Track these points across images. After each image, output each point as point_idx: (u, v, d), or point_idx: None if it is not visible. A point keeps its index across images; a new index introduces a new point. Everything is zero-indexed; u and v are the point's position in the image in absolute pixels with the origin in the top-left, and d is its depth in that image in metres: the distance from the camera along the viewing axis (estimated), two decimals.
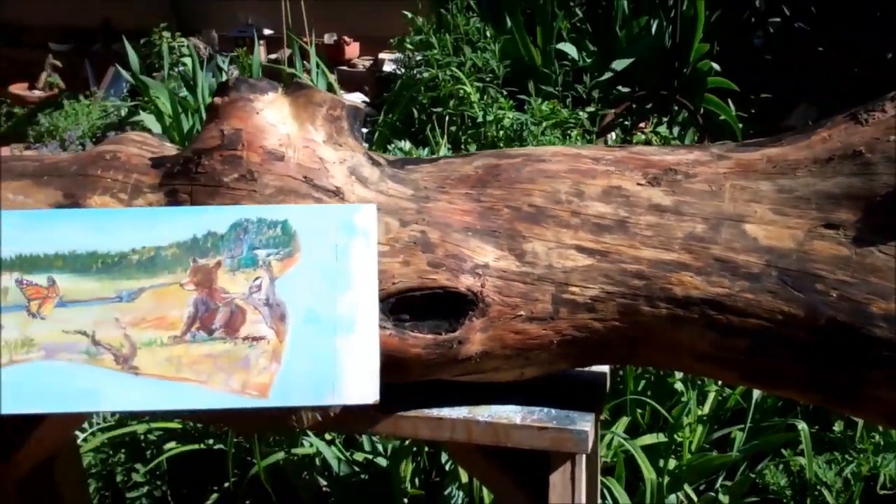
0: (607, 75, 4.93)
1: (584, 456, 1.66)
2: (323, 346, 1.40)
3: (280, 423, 1.61)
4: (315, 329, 1.40)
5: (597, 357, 1.67)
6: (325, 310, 1.41)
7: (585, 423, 1.64)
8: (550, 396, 1.69)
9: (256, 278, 1.41)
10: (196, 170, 1.60)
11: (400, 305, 1.56)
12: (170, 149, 1.78)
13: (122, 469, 2.92)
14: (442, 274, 1.57)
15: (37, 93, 7.75)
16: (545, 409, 1.67)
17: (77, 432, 2.59)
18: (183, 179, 1.62)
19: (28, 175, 1.75)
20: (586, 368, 1.81)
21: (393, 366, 1.59)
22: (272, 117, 1.64)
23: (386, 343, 1.57)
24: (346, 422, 1.68)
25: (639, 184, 1.61)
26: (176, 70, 5.75)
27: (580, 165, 1.65)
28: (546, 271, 1.57)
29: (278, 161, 1.61)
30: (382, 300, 1.57)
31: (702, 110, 4.58)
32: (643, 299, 1.54)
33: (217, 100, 1.64)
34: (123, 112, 6.20)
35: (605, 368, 1.85)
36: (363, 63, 7.17)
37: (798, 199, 1.53)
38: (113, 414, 2.97)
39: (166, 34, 6.28)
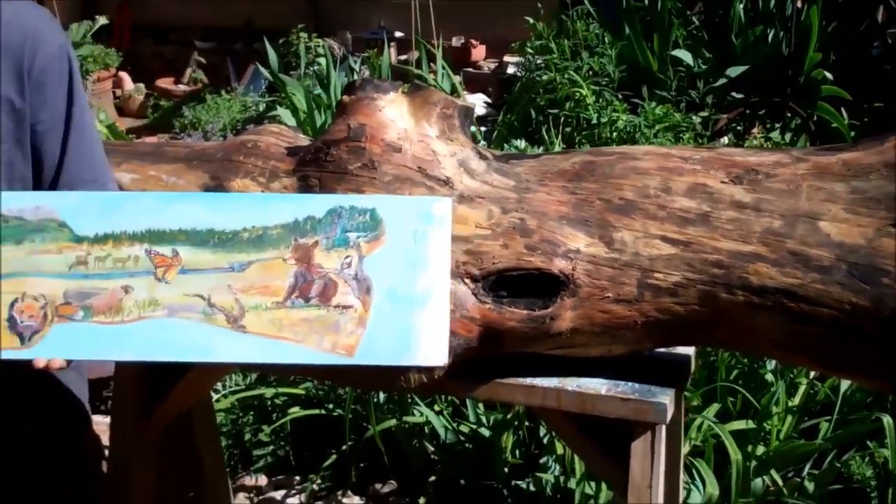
0: (721, 81, 4.98)
1: (663, 427, 1.78)
2: (401, 315, 1.56)
3: (391, 383, 1.79)
4: (395, 301, 1.56)
5: (678, 338, 1.79)
6: (404, 285, 1.57)
7: (665, 397, 1.76)
8: (636, 373, 1.81)
9: (347, 256, 1.58)
10: (325, 158, 1.79)
11: (499, 283, 1.72)
12: (303, 140, 1.97)
13: (250, 429, 3.14)
14: (537, 257, 1.71)
15: (182, 87, 8.08)
16: (629, 383, 1.79)
17: (211, 393, 2.80)
18: (314, 167, 1.80)
19: (181, 159, 1.96)
20: (671, 350, 1.92)
21: (491, 336, 1.75)
22: (392, 114, 1.81)
23: (486, 316, 1.73)
24: (448, 385, 1.85)
25: (722, 182, 1.72)
26: (311, 69, 5.99)
27: (669, 164, 1.77)
28: (633, 258, 1.69)
29: (396, 152, 1.78)
30: (483, 278, 1.72)
31: (814, 118, 4.60)
32: (722, 287, 1.65)
33: (345, 98, 1.82)
34: (261, 107, 6.45)
35: (690, 351, 1.96)
36: (488, 65, 7.31)
37: (869, 199, 1.62)
38: (243, 376, 3.20)
39: (304, 35, 6.53)
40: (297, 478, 3.09)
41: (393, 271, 1.57)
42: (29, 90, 1.70)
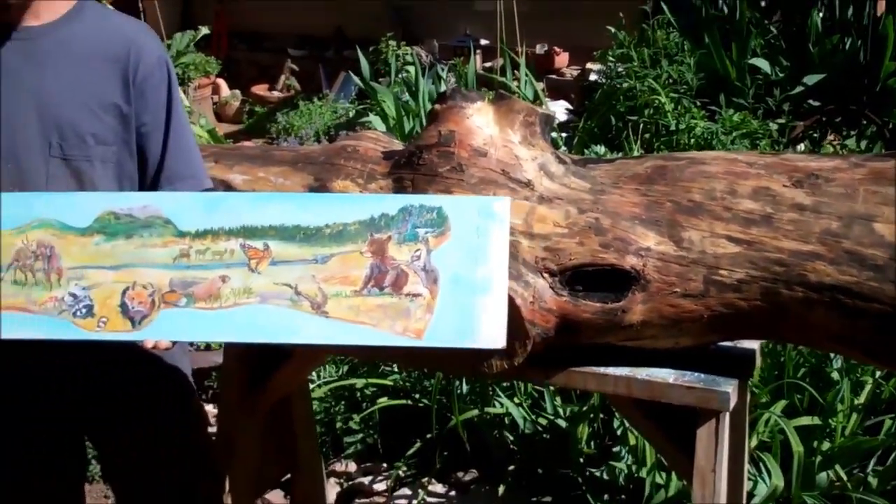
0: (798, 89, 5.04)
1: (727, 415, 1.89)
2: (465, 303, 1.68)
3: (475, 369, 1.93)
4: (459, 290, 1.68)
5: (741, 332, 1.90)
6: (467, 276, 1.69)
7: (729, 386, 1.86)
8: (702, 365, 1.92)
9: (417, 250, 1.71)
10: (418, 162, 1.94)
11: (575, 278, 1.85)
12: (397, 144, 2.13)
13: (341, 418, 3.31)
14: (611, 254, 1.84)
15: (276, 93, 8.31)
16: (695, 374, 1.90)
17: (308, 382, 2.97)
18: (407, 169, 1.96)
19: (287, 162, 2.14)
20: (737, 344, 2.03)
21: (567, 327, 1.88)
22: (479, 121, 1.95)
23: (562, 308, 1.86)
24: (527, 372, 1.98)
25: (784, 185, 1.83)
26: (400, 77, 6.16)
27: (735, 168, 1.88)
28: (699, 256, 1.81)
29: (482, 157, 1.92)
30: (561, 273, 1.86)
31: (890, 125, 4.63)
32: (782, 283, 1.76)
33: (436, 106, 1.97)
34: (351, 114, 6.65)
35: (755, 345, 2.06)
36: (571, 72, 7.38)
37: None
38: (336, 367, 3.37)
39: (392, 43, 6.70)
40: (384, 465, 3.23)
41: (457, 263, 1.70)
42: (133, 97, 1.88)
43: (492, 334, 1.67)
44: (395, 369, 3.30)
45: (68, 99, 1.84)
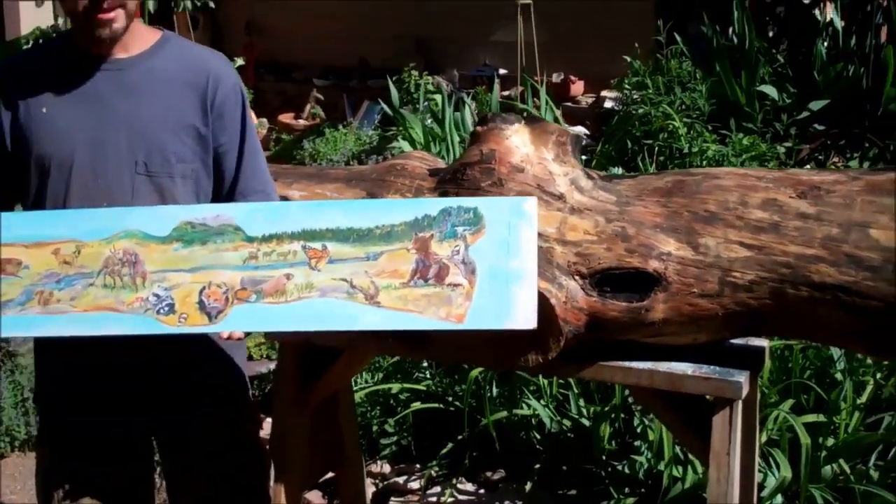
0: (804, 114, 5.23)
1: (740, 403, 2.07)
2: (500, 290, 1.85)
3: (513, 363, 2.12)
4: (495, 280, 1.86)
5: (753, 328, 2.08)
6: (501, 267, 1.87)
7: (741, 377, 2.05)
8: (717, 359, 2.10)
9: (456, 246, 1.88)
10: (462, 177, 2.14)
11: (603, 280, 2.04)
12: (441, 163, 2.33)
13: (377, 421, 3.50)
14: (635, 258, 2.03)
15: (302, 122, 8.46)
16: (711, 367, 2.08)
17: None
18: (452, 184, 2.16)
19: (341, 179, 2.34)
20: (748, 341, 2.20)
21: (596, 324, 2.07)
22: (517, 141, 2.15)
23: (592, 307, 2.05)
24: (560, 367, 2.18)
25: (790, 197, 2.01)
26: (424, 104, 6.36)
27: (746, 182, 2.08)
28: (715, 260, 2.00)
29: (520, 173, 2.12)
30: (590, 275, 2.05)
31: (891, 147, 4.82)
32: (789, 283, 1.94)
33: (478, 128, 2.18)
34: (375, 140, 6.84)
35: (765, 343, 2.25)
36: (586, 100, 7.56)
37: None
38: (371, 374, 3.55)
39: (415, 73, 6.92)
40: (417, 465, 3.41)
41: (492, 256, 1.87)
42: (211, 120, 2.08)
43: (525, 317, 1.84)
44: (428, 375, 3.49)
45: (154, 123, 2.03)
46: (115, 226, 1.94)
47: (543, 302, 1.99)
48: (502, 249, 1.88)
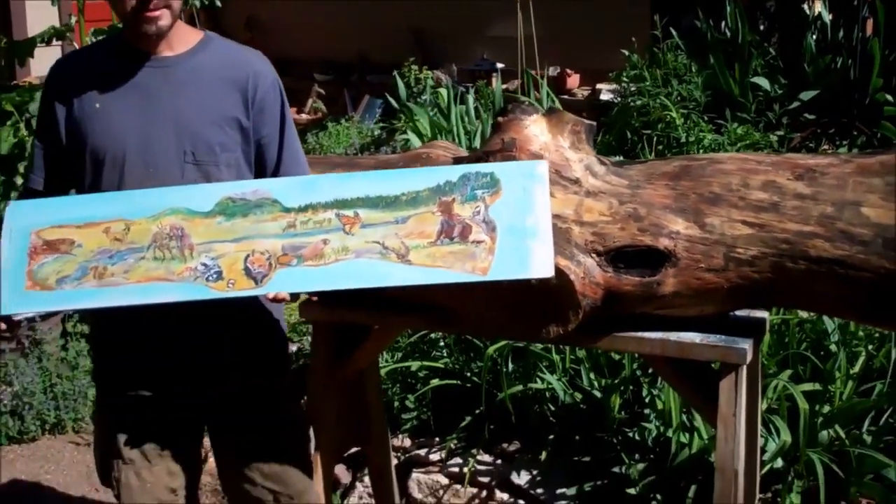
0: (795, 104, 5.39)
1: (744, 368, 2.23)
2: (518, 245, 2.02)
3: (536, 335, 2.29)
4: (513, 235, 2.03)
5: (756, 300, 2.24)
6: (518, 224, 2.04)
7: (746, 344, 2.21)
8: (723, 329, 2.26)
9: (477, 206, 2.06)
10: None
11: (617, 257, 2.19)
12: (463, 152, 2.50)
13: (397, 398, 3.66)
14: (647, 237, 2.20)
15: (304, 116, 8.55)
16: (718, 336, 2.24)
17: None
18: None
19: (369, 168, 2.50)
20: (750, 313, 2.37)
21: (612, 298, 2.22)
22: (535, 130, 2.31)
23: (608, 282, 2.22)
24: (579, 338, 2.34)
25: (788, 179, 2.17)
26: (422, 98, 6.48)
27: (747, 166, 2.23)
28: (720, 237, 2.15)
29: (539, 160, 2.29)
30: (606, 253, 2.21)
31: (878, 135, 5.00)
32: (788, 258, 2.10)
33: (500, 118, 2.33)
34: (377, 133, 6.98)
35: (766, 314, 2.41)
36: (582, 92, 7.69)
37: None
38: (391, 354, 3.71)
39: (415, 68, 7.06)
40: (437, 439, 3.54)
41: (510, 215, 2.04)
42: (253, 113, 2.24)
43: (541, 267, 2.02)
44: (445, 354, 3.66)
45: (200, 116, 2.20)
46: (160, 204, 2.10)
47: (563, 277, 2.16)
48: (518, 208, 2.05)
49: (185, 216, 2.09)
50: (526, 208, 2.05)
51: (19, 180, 4.77)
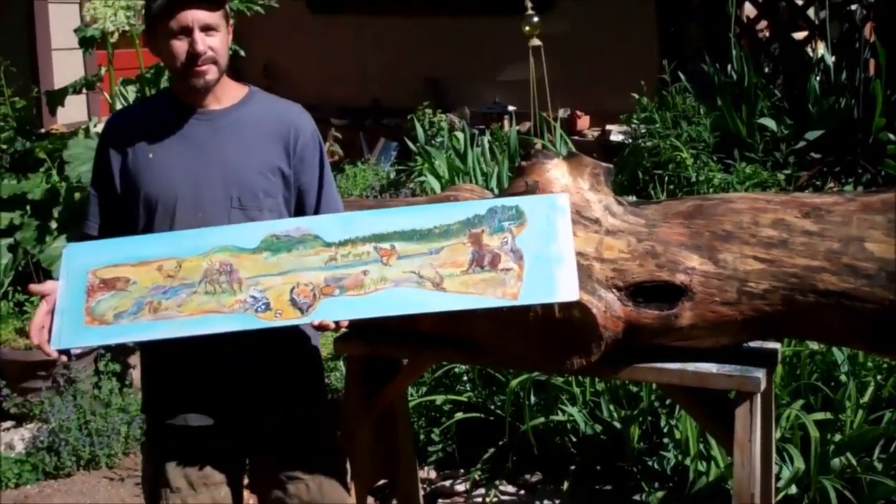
0: (801, 144, 5.56)
1: (758, 396, 2.34)
2: (545, 271, 2.15)
3: (561, 366, 2.41)
4: (540, 263, 2.15)
5: (768, 331, 2.35)
6: (543, 252, 2.16)
7: (759, 373, 2.32)
8: (737, 359, 2.38)
9: (504, 237, 2.19)
10: None
11: (636, 292, 2.31)
12: (488, 194, 2.64)
13: (423, 431, 3.77)
14: (664, 272, 2.32)
15: None
16: (733, 366, 2.35)
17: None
18: None
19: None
20: (763, 345, 2.47)
21: (632, 330, 2.34)
22: (556, 173, 2.45)
23: (628, 315, 2.34)
24: (601, 369, 2.46)
25: (796, 217, 2.29)
26: (435, 141, 6.61)
27: (757, 205, 2.36)
28: (733, 272, 2.27)
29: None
30: (626, 288, 2.33)
31: (882, 173, 5.15)
32: (797, 291, 2.22)
33: (523, 163, 2.47)
34: (392, 175, 7.12)
35: (777, 345, 2.53)
36: (592, 133, 7.82)
37: None
38: (417, 389, 3.83)
39: (429, 111, 7.21)
40: (461, 470, 3.64)
41: (535, 244, 2.17)
42: (294, 162, 2.38)
43: (566, 292, 2.15)
44: (469, 388, 3.78)
45: (245, 164, 2.33)
46: (209, 242, 2.23)
47: (586, 311, 2.29)
48: (543, 237, 2.18)
49: (233, 253, 2.22)
50: (550, 237, 2.18)
51: (53, 224, 4.94)
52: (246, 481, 2.57)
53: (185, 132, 2.35)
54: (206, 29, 2.27)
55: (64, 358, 2.25)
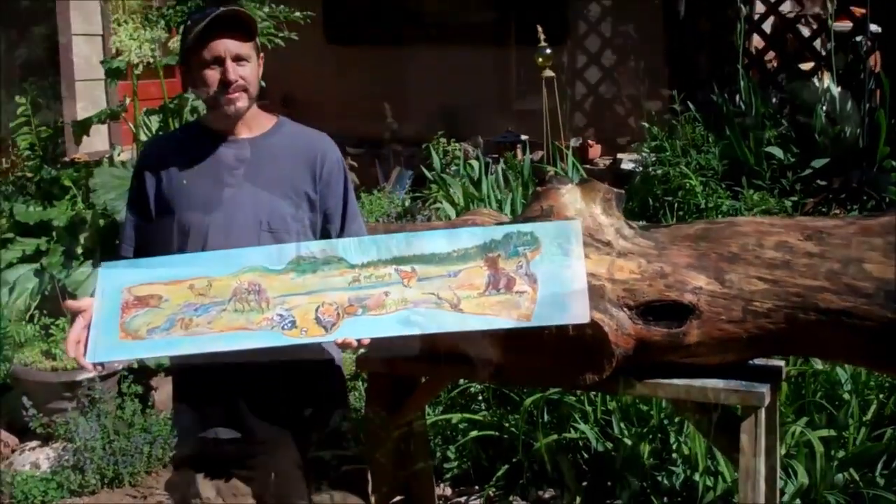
0: (808, 172, 5.68)
1: (763, 410, 2.42)
2: (556, 294, 2.25)
3: (574, 382, 2.50)
4: (552, 286, 2.25)
5: (772, 348, 2.43)
6: (556, 276, 2.26)
7: (764, 388, 2.40)
8: (742, 376, 2.46)
9: (519, 262, 2.28)
10: None
11: (646, 311, 2.40)
12: (505, 218, 2.74)
13: (439, 449, 3.86)
14: (673, 292, 2.41)
15: None
16: (739, 381, 2.44)
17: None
18: None
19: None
20: (768, 362, 2.56)
21: (642, 348, 2.43)
22: (570, 198, 2.54)
23: (638, 333, 2.43)
24: (612, 385, 2.54)
25: (798, 239, 2.39)
26: (449, 169, 6.73)
27: (761, 228, 2.45)
28: (738, 292, 2.36)
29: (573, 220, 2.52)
30: (636, 307, 2.43)
31: (887, 199, 5.27)
32: (800, 310, 2.31)
33: (539, 188, 2.57)
34: (407, 202, 7.23)
35: (781, 363, 2.62)
36: (603, 162, 7.93)
37: None
38: (433, 407, 3.92)
39: (443, 140, 7.33)
40: (476, 487, 3.73)
41: (548, 268, 2.27)
42: (320, 187, 2.49)
43: (578, 313, 2.25)
44: (483, 407, 3.88)
45: (274, 190, 2.44)
46: (238, 263, 2.32)
47: (598, 329, 2.38)
48: (556, 263, 2.28)
49: (261, 273, 2.32)
50: (563, 262, 2.28)
51: (79, 250, 5.07)
52: None
53: (217, 159, 2.46)
54: (238, 59, 2.39)
55: (99, 368, 2.36)
